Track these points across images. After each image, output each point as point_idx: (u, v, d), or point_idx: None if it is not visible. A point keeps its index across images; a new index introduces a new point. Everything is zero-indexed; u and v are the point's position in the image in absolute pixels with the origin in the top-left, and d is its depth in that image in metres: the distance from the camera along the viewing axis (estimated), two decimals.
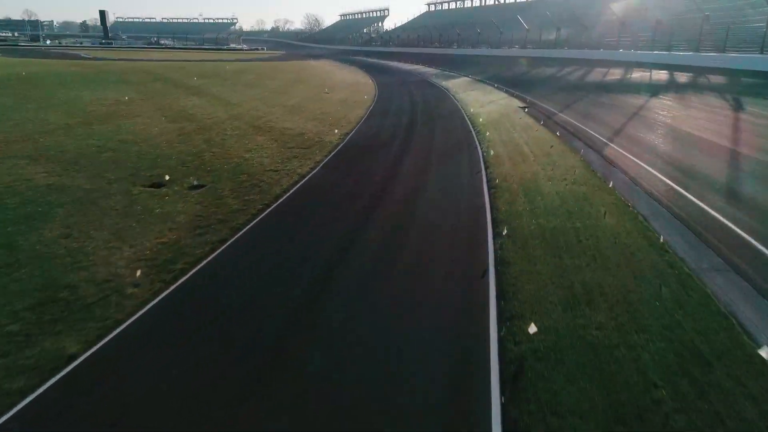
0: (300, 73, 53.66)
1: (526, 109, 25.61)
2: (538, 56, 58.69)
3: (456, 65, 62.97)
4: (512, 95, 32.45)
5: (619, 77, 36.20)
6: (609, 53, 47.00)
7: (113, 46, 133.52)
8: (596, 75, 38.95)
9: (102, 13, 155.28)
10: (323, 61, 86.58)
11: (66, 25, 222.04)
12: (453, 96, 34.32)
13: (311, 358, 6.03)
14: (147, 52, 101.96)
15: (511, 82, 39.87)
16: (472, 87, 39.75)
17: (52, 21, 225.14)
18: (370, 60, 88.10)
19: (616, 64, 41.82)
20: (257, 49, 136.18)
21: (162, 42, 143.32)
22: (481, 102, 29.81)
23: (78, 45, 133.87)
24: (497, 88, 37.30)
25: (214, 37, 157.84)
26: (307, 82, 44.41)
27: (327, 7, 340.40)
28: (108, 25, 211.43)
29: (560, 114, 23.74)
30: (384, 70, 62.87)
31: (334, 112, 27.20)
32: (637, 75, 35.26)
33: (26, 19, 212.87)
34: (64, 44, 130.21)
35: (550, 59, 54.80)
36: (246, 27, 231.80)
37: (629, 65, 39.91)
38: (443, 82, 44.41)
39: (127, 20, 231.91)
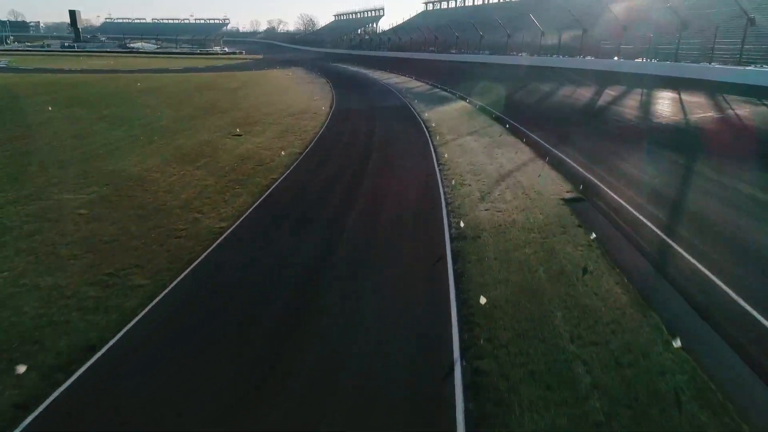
0: (237, 93, 39.54)
1: (583, 214, 11.49)
2: (561, 66, 44.32)
3: (453, 78, 48.73)
4: (539, 152, 18.23)
5: (713, 112, 21.84)
6: (674, 68, 32.48)
7: (75, 49, 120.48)
8: (668, 105, 24.58)
9: (72, 14, 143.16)
10: (294, 69, 72.42)
11: (56, 26, 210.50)
12: (435, 150, 20.01)
13: None
14: (97, 58, 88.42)
15: (531, 116, 25.68)
16: (471, 125, 25.43)
17: (39, 22, 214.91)
18: (351, 69, 74.02)
19: (690, 84, 27.42)
20: (235, 53, 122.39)
21: (131, 45, 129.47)
22: (485, 177, 15.46)
23: (38, 48, 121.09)
24: (509, 129, 23.07)
25: (190, 38, 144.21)
26: (230, 111, 30.26)
27: (323, 7, 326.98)
28: (83, 25, 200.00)
29: (680, 250, 9.49)
30: (359, 86, 48.75)
31: (180, 209, 13.08)
32: (749, 110, 20.84)
33: (13, 19, 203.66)
34: (16, 47, 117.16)
35: (577, 71, 40.42)
36: (241, 28, 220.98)
37: (713, 87, 25.54)
38: (429, 113, 30.08)
39: (116, 20, 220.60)
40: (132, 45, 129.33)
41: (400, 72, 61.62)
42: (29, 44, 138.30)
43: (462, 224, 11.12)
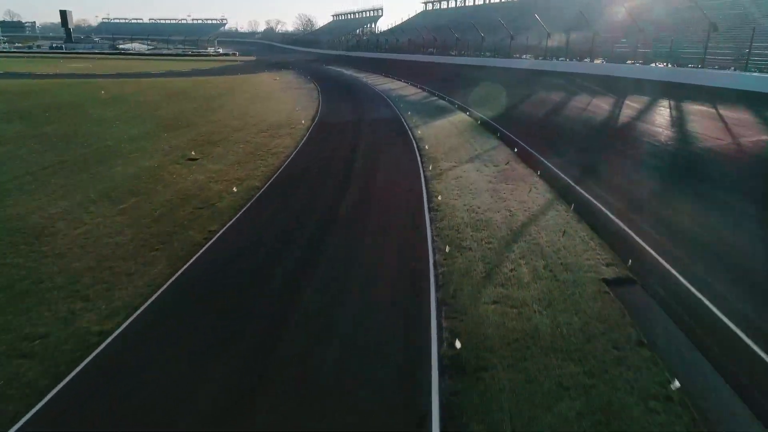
0: (212, 102, 35.60)
1: (641, 314, 7.72)
2: (570, 71, 40.42)
3: (452, 84, 44.89)
4: (559, 191, 14.31)
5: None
6: (706, 75, 28.47)
7: (64, 50, 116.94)
8: (707, 123, 20.64)
9: (63, 14, 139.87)
10: (283, 73, 68.58)
11: (52, 26, 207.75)
12: (427, 184, 16.07)
13: None
14: (80, 60, 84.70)
15: (543, 134, 21.81)
16: (471, 147, 21.48)
17: (35, 22, 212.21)
18: (345, 72, 70.12)
19: (728, 96, 23.49)
20: (227, 55, 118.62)
21: (122, 46, 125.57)
22: (491, 234, 11.43)
23: (25, 50, 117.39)
24: (518, 153, 19.11)
25: (182, 39, 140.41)
26: (195, 125, 26.37)
27: (322, 7, 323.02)
28: (81, 25, 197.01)
29: None
30: (349, 93, 44.82)
31: (61, 290, 9.19)
32: None
33: (8, 20, 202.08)
34: (2, 49, 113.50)
35: (589, 77, 36.50)
36: (240, 28, 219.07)
37: (759, 101, 21.61)
38: (423, 129, 26.16)
39: (113, 20, 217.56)
40: (123, 46, 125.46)
41: (396, 76, 57.73)
42: (20, 45, 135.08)
43: (458, 344, 7.15)
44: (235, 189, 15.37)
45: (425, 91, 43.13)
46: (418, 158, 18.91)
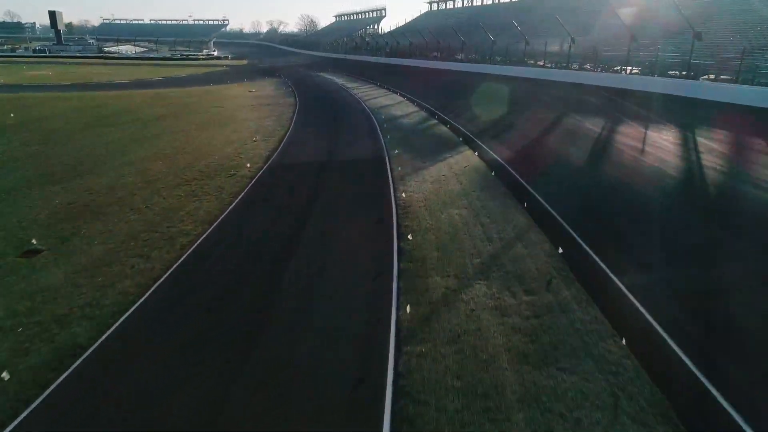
0: (149, 128, 27.93)
1: None
2: (603, 85, 32.41)
3: (456, 98, 37.15)
4: (682, 396, 6.48)
5: None
6: None
7: (47, 53, 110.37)
8: None
9: (52, 15, 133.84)
10: (266, 82, 61.06)
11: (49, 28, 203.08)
12: (397, 364, 8.39)
13: None
14: (49, 66, 78.03)
15: (602, 207, 14.01)
16: (484, 230, 13.56)
17: (34, 23, 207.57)
18: (337, 81, 62.51)
19: None
20: (219, 58, 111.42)
21: (107, 49, 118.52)
22: None
23: (9, 53, 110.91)
24: (570, 267, 11.22)
25: (173, 40, 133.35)
26: (92, 173, 18.77)
27: (325, 7, 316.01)
28: (62, 27, 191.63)
29: None
30: (332, 112, 37.08)
31: None
32: None
33: (8, 20, 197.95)
34: None
35: (632, 96, 28.50)
36: (244, 29, 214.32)
37: None
38: (413, 183, 18.26)
39: (114, 21, 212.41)
40: (108, 49, 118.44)
41: (394, 86, 49.98)
42: (6, 48, 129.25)
43: None
44: (4, 375, 7.62)
45: (423, 110, 35.29)
46: (395, 265, 11.07)
